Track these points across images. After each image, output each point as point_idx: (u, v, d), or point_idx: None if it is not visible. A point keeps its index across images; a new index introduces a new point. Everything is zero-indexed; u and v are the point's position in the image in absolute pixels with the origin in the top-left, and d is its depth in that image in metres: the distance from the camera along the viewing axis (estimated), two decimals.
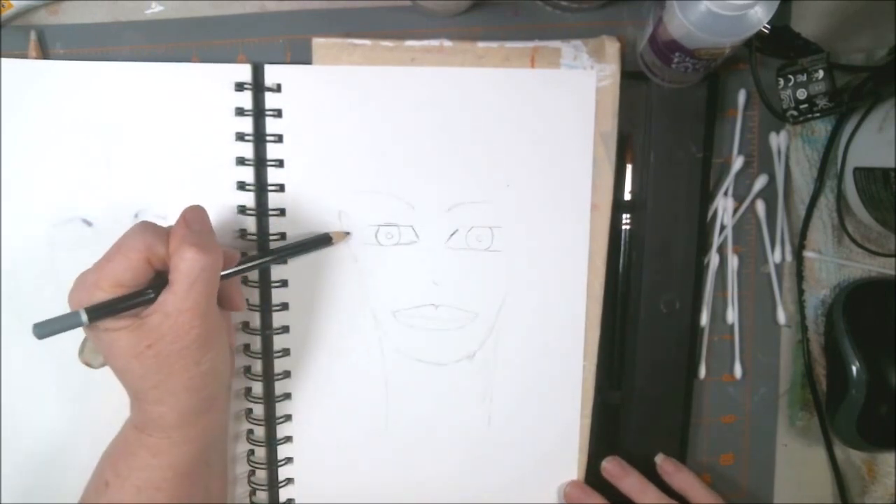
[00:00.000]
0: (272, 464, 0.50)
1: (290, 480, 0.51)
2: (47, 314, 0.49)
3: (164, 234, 0.40)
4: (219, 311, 0.42)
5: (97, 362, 0.48)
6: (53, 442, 0.50)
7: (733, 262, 0.51)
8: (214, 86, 0.48)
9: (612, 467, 0.51)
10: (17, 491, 0.50)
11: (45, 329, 0.38)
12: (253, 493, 0.51)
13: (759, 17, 0.39)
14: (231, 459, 0.50)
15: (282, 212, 0.48)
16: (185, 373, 0.40)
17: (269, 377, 0.49)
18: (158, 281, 0.40)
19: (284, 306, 0.49)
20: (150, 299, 0.39)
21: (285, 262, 0.48)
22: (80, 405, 0.50)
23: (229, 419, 0.48)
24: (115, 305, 0.39)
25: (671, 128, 0.49)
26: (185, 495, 0.42)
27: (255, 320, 0.49)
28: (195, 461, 0.42)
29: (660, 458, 0.51)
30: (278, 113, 0.48)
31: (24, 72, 0.48)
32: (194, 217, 0.41)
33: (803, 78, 0.47)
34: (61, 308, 0.48)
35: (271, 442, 0.50)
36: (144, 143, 0.48)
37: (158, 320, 0.39)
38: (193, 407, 0.41)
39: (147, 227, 0.40)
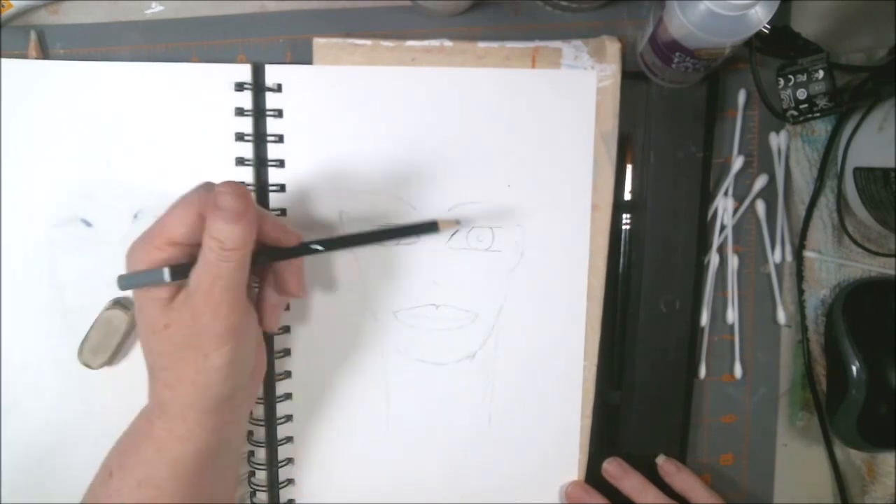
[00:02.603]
0: (273, 465, 0.50)
1: (290, 481, 0.51)
2: (47, 314, 0.49)
3: None
4: (247, 303, 0.39)
5: (96, 363, 0.48)
6: (53, 442, 0.50)
7: (733, 262, 0.51)
8: (214, 86, 0.48)
9: (612, 468, 0.51)
10: (17, 491, 0.50)
11: (127, 282, 0.37)
12: (253, 494, 0.51)
13: (760, 17, 0.39)
14: None
15: (283, 212, 0.48)
16: (193, 364, 0.38)
17: (269, 378, 0.49)
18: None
19: (285, 306, 0.49)
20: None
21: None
22: (79, 405, 0.50)
23: (245, 425, 0.46)
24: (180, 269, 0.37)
25: (671, 128, 0.49)
26: (187, 497, 0.41)
27: None
28: (199, 463, 0.40)
29: (660, 459, 0.51)
30: (279, 113, 0.48)
31: (24, 72, 0.48)
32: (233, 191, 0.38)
33: (803, 78, 0.47)
34: (61, 308, 0.49)
35: (272, 443, 0.50)
36: (144, 143, 0.48)
37: (182, 299, 0.37)
38: (198, 402, 0.39)
39: (206, 184, 0.39)
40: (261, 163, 0.48)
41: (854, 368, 0.49)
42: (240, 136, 0.48)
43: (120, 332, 0.48)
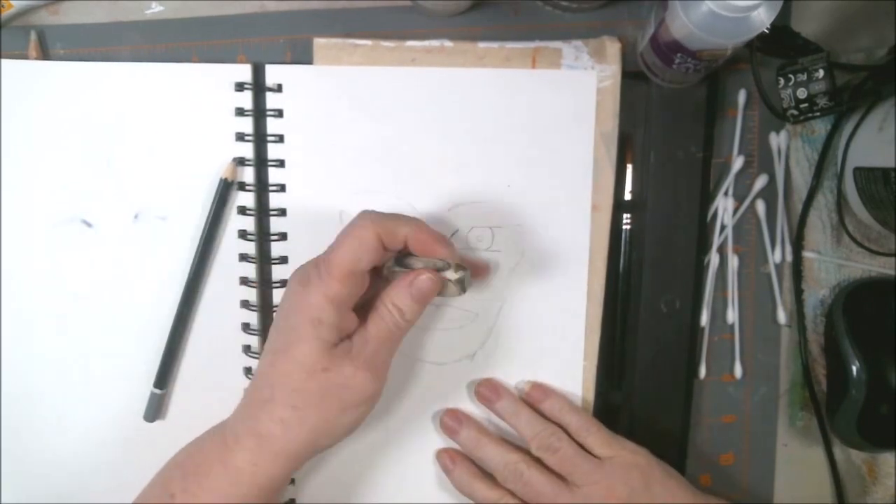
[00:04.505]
0: None
1: (290, 481, 0.51)
2: (47, 314, 0.49)
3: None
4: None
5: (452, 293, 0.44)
6: (53, 442, 0.50)
7: (733, 261, 0.51)
8: (214, 86, 0.48)
9: (485, 390, 0.49)
10: (17, 491, 0.50)
11: None
12: None
13: (763, 18, 0.39)
14: None
15: (282, 212, 0.48)
16: (326, 413, 0.39)
17: None
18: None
19: None
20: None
21: None
22: (79, 405, 0.50)
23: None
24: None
25: (671, 128, 0.49)
26: None
27: (256, 320, 0.49)
28: (269, 499, 0.40)
29: (527, 386, 0.49)
30: (279, 113, 0.48)
31: (24, 72, 0.48)
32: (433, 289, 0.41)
33: (803, 77, 0.47)
34: (61, 308, 0.49)
35: None
36: (144, 143, 0.48)
37: (345, 349, 0.39)
38: (303, 450, 0.39)
39: (370, 215, 0.40)
40: (261, 163, 0.48)
41: (854, 368, 0.49)
42: (240, 136, 0.48)
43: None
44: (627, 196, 0.50)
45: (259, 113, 0.48)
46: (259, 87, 0.48)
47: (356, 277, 0.39)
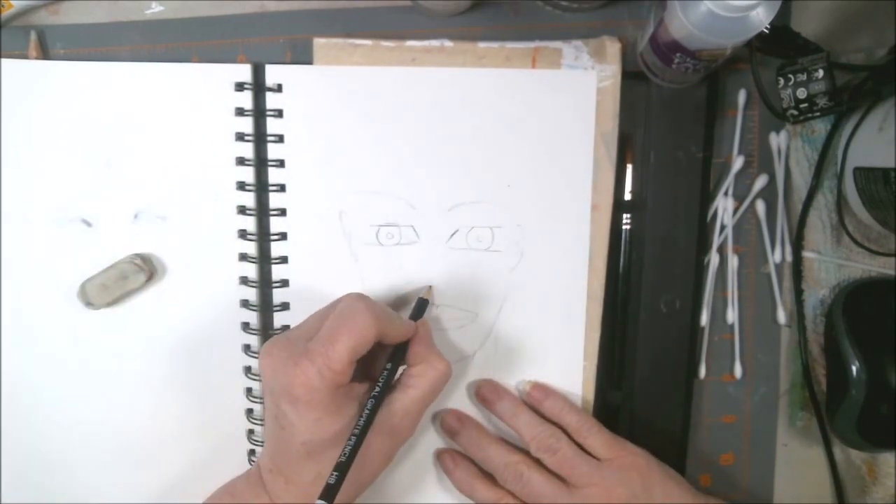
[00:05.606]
0: None
1: None
2: (46, 314, 0.49)
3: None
4: None
5: (101, 301, 0.48)
6: (53, 442, 0.50)
7: (733, 261, 0.51)
8: (214, 86, 0.48)
9: (486, 391, 0.49)
10: (17, 491, 0.50)
11: None
12: None
13: (761, 18, 0.39)
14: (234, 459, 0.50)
15: (283, 212, 0.48)
16: (380, 466, 0.43)
17: None
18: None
19: (285, 306, 0.49)
20: None
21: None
22: (79, 405, 0.50)
23: None
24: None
25: (671, 128, 0.49)
26: None
27: (256, 320, 0.49)
28: None
29: (528, 387, 0.49)
30: (279, 113, 0.48)
31: (24, 72, 0.48)
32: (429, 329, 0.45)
33: (803, 77, 0.47)
34: (60, 308, 0.49)
35: None
36: (144, 143, 0.48)
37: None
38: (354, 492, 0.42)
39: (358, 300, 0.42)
40: (261, 163, 0.48)
41: (854, 368, 0.49)
42: (240, 136, 0.48)
43: (128, 288, 0.48)
44: (627, 196, 0.50)
45: (259, 113, 0.48)
46: (259, 87, 0.48)
47: (352, 366, 0.40)
